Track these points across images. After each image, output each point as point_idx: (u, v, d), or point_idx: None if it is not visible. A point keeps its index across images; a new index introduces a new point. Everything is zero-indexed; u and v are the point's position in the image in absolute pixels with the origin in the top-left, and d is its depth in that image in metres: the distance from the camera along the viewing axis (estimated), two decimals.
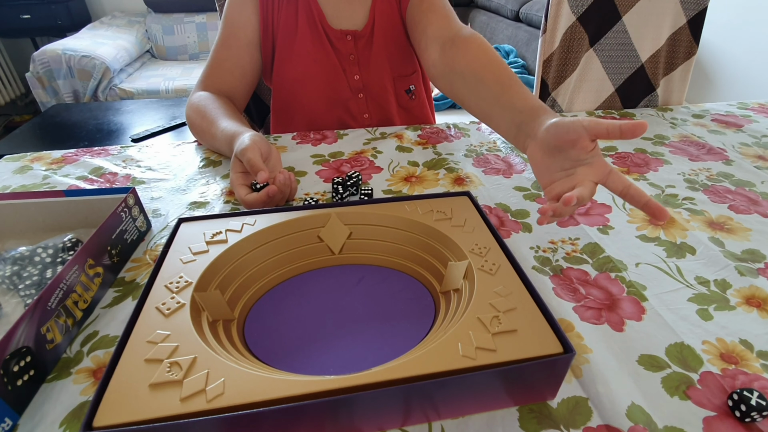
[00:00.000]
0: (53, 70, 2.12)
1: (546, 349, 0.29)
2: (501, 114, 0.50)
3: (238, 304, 0.38)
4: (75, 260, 0.37)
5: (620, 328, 0.37)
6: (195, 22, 2.59)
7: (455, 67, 0.58)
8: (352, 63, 0.75)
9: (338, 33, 0.72)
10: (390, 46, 0.75)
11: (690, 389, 0.32)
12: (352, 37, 0.73)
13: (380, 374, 0.28)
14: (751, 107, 0.85)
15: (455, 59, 0.58)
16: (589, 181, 0.39)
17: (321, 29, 0.71)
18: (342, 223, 0.43)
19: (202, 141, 0.68)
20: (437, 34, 0.63)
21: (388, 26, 0.74)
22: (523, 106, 0.47)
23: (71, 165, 0.64)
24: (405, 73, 0.79)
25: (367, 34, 0.73)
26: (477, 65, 0.55)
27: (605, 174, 0.39)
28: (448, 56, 0.60)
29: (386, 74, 0.77)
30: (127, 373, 0.28)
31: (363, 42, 0.74)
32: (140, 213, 0.48)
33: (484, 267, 0.36)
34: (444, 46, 0.61)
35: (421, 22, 0.68)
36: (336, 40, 0.72)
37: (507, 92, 0.50)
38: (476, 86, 0.54)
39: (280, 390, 0.27)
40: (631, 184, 0.38)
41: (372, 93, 0.78)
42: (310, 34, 0.71)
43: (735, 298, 0.40)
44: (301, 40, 0.71)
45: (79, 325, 0.38)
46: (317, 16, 0.71)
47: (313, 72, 0.73)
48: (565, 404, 0.31)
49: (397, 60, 0.77)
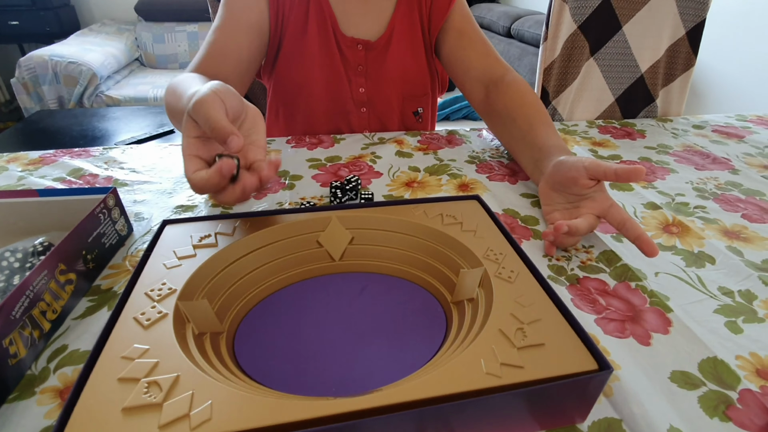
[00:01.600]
0: (39, 76, 2.07)
1: (579, 365, 0.26)
2: (524, 150, 0.56)
3: (227, 316, 0.34)
4: (44, 265, 0.33)
5: (647, 342, 0.34)
6: (186, 31, 2.56)
7: (495, 107, 0.63)
8: (359, 74, 0.71)
9: (349, 40, 0.68)
10: (406, 64, 0.72)
11: (730, 409, 0.29)
12: (363, 47, 0.69)
13: (392, 395, 0.24)
14: (749, 119, 0.85)
15: (496, 101, 0.63)
16: (589, 214, 0.43)
17: (331, 34, 0.68)
18: (343, 227, 0.39)
19: (172, 120, 0.54)
20: (481, 77, 0.67)
21: (406, 42, 0.71)
22: (542, 145, 0.52)
23: (49, 166, 0.60)
24: (416, 94, 0.76)
25: (381, 46, 0.70)
26: (513, 106, 0.60)
27: (606, 208, 0.43)
28: (491, 98, 0.65)
29: (395, 91, 0.74)
30: (97, 395, 0.24)
31: (375, 54, 0.70)
32: (121, 215, 0.44)
33: (502, 274, 0.33)
34: (488, 89, 0.66)
35: (463, 60, 0.69)
36: (345, 48, 0.69)
37: (532, 131, 0.55)
38: (509, 125, 0.60)
39: (277, 415, 0.23)
40: (629, 218, 0.41)
41: (376, 109, 0.75)
42: (318, 38, 0.67)
43: (762, 310, 0.38)
44: (308, 42, 0.67)
45: (46, 338, 0.33)
46: (329, 19, 0.67)
47: (316, 77, 0.70)
48: (597, 427, 0.28)
49: (411, 79, 0.74)
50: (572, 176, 0.44)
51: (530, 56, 2.15)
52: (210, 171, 0.34)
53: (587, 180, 0.43)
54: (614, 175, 0.41)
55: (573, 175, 0.44)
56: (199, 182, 0.34)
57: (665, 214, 0.52)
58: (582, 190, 0.44)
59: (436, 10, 0.70)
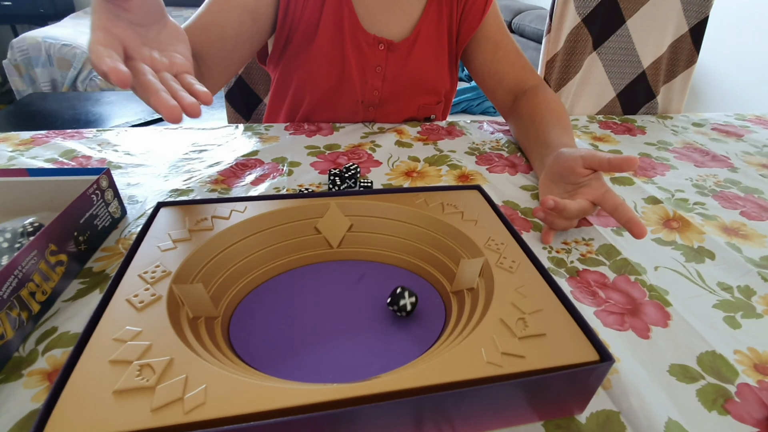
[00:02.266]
0: (32, 58, 2.03)
1: (580, 356, 0.25)
2: (534, 149, 0.57)
3: (223, 300, 0.33)
4: (34, 245, 0.32)
5: (646, 335, 0.34)
6: (183, 16, 2.52)
7: (520, 113, 0.65)
8: (377, 75, 0.68)
9: (371, 38, 0.65)
10: (428, 70, 0.70)
11: (728, 403, 0.29)
12: (386, 47, 0.66)
13: (390, 383, 0.24)
14: (748, 119, 0.85)
15: (522, 107, 0.65)
16: (583, 198, 0.43)
17: (348, 32, 0.64)
18: (342, 214, 0.39)
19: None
20: (513, 88, 0.68)
21: (431, 47, 0.68)
22: (551, 143, 0.53)
23: (40, 147, 0.59)
24: (431, 103, 0.74)
25: (404, 48, 0.67)
26: (534, 110, 0.61)
27: (601, 193, 0.43)
28: (517, 105, 0.66)
29: (410, 97, 0.71)
30: (87, 377, 0.23)
31: (396, 56, 0.67)
32: (114, 198, 0.43)
33: (503, 264, 0.32)
34: (516, 98, 0.67)
35: (497, 72, 0.70)
36: (366, 46, 0.65)
37: (545, 132, 0.56)
38: (527, 126, 0.61)
39: (273, 400, 0.22)
40: (622, 203, 0.41)
41: (386, 111, 0.72)
42: (331, 36, 0.64)
43: (761, 306, 0.38)
44: (319, 39, 0.64)
45: (35, 319, 0.32)
46: (347, 17, 0.63)
47: (323, 75, 0.67)
48: (595, 419, 0.27)
49: (429, 86, 0.72)
50: (569, 165, 0.45)
51: (531, 51, 2.14)
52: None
53: (583, 169, 0.44)
54: (608, 164, 0.42)
55: (570, 165, 0.45)
56: (100, 57, 0.31)
57: (666, 209, 0.51)
58: (578, 179, 0.45)
59: (469, 17, 0.68)
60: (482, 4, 0.67)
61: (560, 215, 0.42)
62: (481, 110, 2.23)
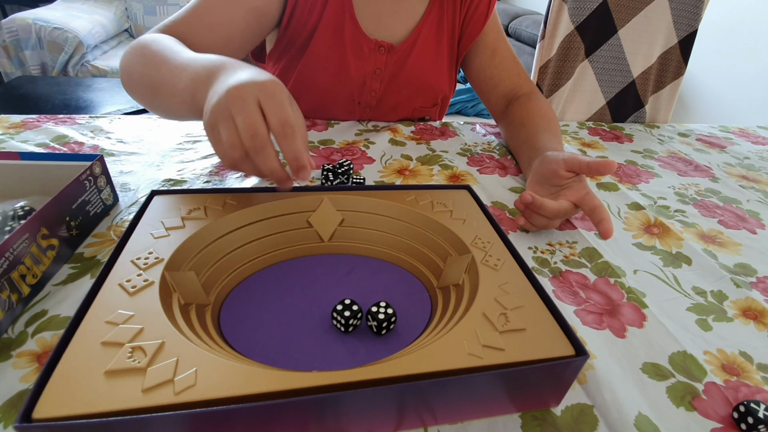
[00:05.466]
0: (21, 40, 1.98)
1: (557, 350, 0.26)
2: (524, 152, 0.59)
3: (214, 289, 0.34)
4: (26, 227, 0.32)
5: (622, 335, 0.35)
6: (179, 4, 2.49)
7: (511, 117, 0.66)
8: (375, 78, 0.68)
9: (373, 43, 0.65)
10: (426, 72, 0.70)
11: (695, 400, 0.31)
12: (386, 50, 0.66)
13: (375, 371, 0.25)
14: (731, 131, 0.88)
15: (513, 111, 0.67)
16: (565, 199, 0.45)
17: (349, 37, 0.64)
18: (334, 209, 0.39)
19: (146, 94, 0.48)
20: (506, 93, 0.70)
21: (430, 50, 0.69)
22: (539, 147, 0.54)
23: (31, 131, 0.58)
24: (427, 105, 0.75)
25: (403, 50, 0.67)
26: (525, 115, 0.64)
27: (582, 195, 0.45)
28: (509, 109, 0.68)
29: (407, 99, 0.72)
30: (79, 357, 0.24)
31: (395, 58, 0.67)
32: (107, 184, 0.44)
33: (489, 262, 0.33)
34: (510, 103, 0.69)
35: (492, 77, 0.71)
36: (368, 51, 0.65)
37: (535, 136, 0.58)
38: (518, 130, 0.63)
39: (261, 384, 0.23)
40: (600, 205, 0.43)
41: (382, 112, 0.72)
42: (329, 39, 0.64)
43: (732, 310, 0.39)
44: (319, 43, 0.64)
45: (25, 302, 0.33)
46: (349, 21, 0.63)
47: (321, 77, 0.67)
48: (570, 412, 0.29)
49: (427, 88, 0.72)
50: (552, 168, 0.47)
51: (526, 56, 2.16)
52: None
53: (565, 171, 0.46)
54: (587, 167, 0.44)
55: (553, 167, 0.47)
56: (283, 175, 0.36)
57: (648, 215, 0.53)
58: (561, 181, 0.47)
59: (472, 21, 0.68)
60: (485, 9, 0.68)
61: (538, 212, 0.44)
62: (476, 112, 2.25)
